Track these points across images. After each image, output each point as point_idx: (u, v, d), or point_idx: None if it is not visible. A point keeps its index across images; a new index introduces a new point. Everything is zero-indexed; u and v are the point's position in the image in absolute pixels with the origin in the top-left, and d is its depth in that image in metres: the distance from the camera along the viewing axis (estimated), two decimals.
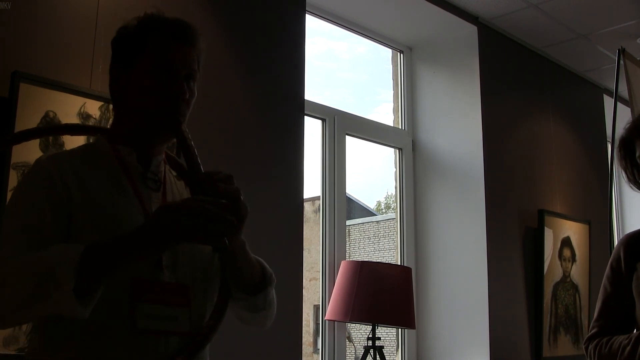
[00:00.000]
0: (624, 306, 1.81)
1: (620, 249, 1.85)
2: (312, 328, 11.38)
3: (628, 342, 1.69)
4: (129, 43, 1.37)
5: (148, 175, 1.38)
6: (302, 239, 2.91)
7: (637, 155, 1.82)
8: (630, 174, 1.87)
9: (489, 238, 3.56)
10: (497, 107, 3.84)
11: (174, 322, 1.26)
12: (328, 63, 16.30)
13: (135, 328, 1.22)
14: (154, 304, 1.25)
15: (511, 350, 3.63)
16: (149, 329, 1.24)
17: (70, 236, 1.24)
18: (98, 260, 1.14)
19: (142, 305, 1.23)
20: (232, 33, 2.77)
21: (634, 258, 1.81)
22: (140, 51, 1.35)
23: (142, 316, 1.23)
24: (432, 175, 3.80)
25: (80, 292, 1.11)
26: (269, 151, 2.83)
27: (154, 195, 1.37)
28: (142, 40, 1.36)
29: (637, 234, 1.87)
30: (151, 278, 1.27)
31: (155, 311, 1.24)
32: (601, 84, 4.82)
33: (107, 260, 1.15)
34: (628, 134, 1.86)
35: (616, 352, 1.71)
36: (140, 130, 1.37)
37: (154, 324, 1.24)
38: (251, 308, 1.42)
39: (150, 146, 1.39)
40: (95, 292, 1.15)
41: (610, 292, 1.84)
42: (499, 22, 3.87)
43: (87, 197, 1.27)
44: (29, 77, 2.06)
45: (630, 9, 3.74)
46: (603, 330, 1.82)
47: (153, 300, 1.25)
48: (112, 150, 1.36)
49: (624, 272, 1.81)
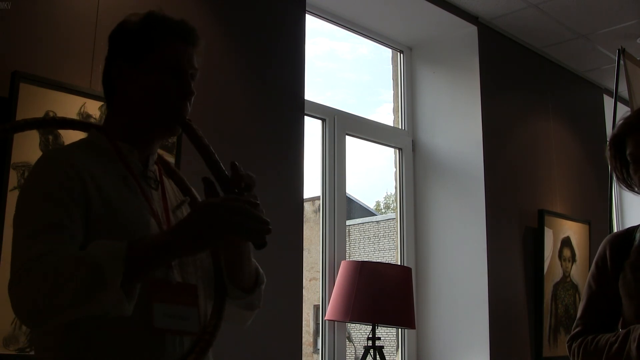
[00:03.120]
0: (609, 304, 1.81)
1: (607, 248, 1.84)
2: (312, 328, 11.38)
3: (615, 339, 1.69)
4: (135, 39, 1.36)
5: (148, 174, 1.38)
6: (302, 239, 2.91)
7: (627, 153, 1.80)
8: (620, 172, 1.86)
9: (489, 238, 3.56)
10: (497, 107, 3.84)
11: (187, 322, 1.27)
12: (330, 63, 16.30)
13: (153, 327, 1.22)
14: (169, 304, 1.25)
15: (511, 350, 3.63)
16: (166, 328, 1.24)
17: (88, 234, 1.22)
18: (143, 256, 1.13)
19: (159, 305, 1.23)
20: (232, 33, 2.77)
21: (621, 257, 1.81)
22: (148, 48, 1.35)
23: (160, 315, 1.23)
24: (432, 175, 3.80)
25: (126, 290, 1.11)
26: (269, 151, 2.83)
27: (155, 194, 1.38)
28: (149, 37, 1.35)
29: (622, 233, 1.87)
30: (164, 278, 1.27)
31: (171, 311, 1.25)
32: (601, 84, 4.82)
33: (152, 256, 1.15)
34: (619, 130, 1.84)
35: (602, 349, 1.70)
36: (142, 127, 1.37)
37: (170, 323, 1.24)
38: (247, 306, 1.44)
39: (149, 144, 1.39)
40: (136, 289, 1.15)
41: (595, 290, 1.84)
42: (499, 22, 3.87)
43: (103, 196, 1.26)
44: (29, 77, 2.06)
45: (630, 9, 3.74)
46: (587, 328, 1.81)
47: (168, 300, 1.25)
48: (113, 147, 1.35)
49: (610, 271, 1.81)
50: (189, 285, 1.32)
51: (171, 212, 1.39)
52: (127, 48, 1.37)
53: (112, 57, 1.39)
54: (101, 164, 1.31)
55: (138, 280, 1.14)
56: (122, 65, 1.36)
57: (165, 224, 1.34)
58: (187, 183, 1.51)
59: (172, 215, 1.38)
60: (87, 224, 1.23)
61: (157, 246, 1.15)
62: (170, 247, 1.15)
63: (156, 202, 1.36)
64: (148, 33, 1.36)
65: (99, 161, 1.32)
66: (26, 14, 2.14)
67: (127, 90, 1.36)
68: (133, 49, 1.36)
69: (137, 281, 1.14)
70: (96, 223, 1.23)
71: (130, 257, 1.11)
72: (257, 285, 1.44)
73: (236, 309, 1.43)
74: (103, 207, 1.25)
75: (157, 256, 1.15)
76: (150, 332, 1.22)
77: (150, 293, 1.22)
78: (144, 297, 1.20)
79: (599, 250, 1.87)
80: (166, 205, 1.38)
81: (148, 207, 1.32)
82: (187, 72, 1.37)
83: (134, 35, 1.37)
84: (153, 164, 1.41)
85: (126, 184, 1.32)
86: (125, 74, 1.36)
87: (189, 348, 1.29)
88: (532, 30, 3.97)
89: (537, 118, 4.19)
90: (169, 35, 1.36)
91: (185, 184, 1.50)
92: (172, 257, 1.21)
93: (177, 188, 1.49)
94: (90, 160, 1.30)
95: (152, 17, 1.39)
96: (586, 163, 4.53)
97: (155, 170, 1.42)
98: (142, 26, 1.37)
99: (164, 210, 1.37)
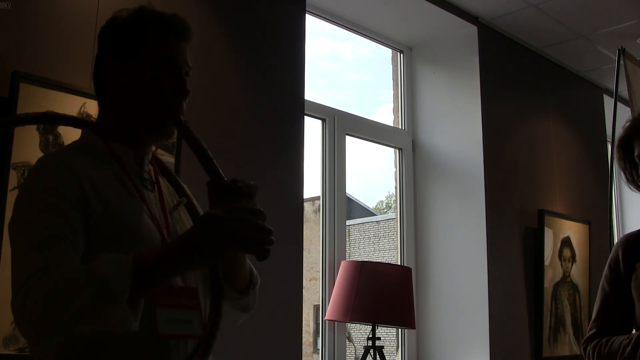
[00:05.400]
0: (622, 306, 1.81)
1: (619, 249, 1.85)
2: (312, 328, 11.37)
3: (628, 342, 1.69)
4: (128, 36, 1.31)
5: (144, 175, 1.36)
6: (302, 239, 2.91)
7: (635, 154, 1.81)
8: (629, 174, 1.86)
9: (489, 238, 3.56)
10: (497, 107, 3.84)
11: (190, 325, 1.25)
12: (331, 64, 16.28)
13: (158, 333, 1.20)
14: (172, 309, 1.23)
15: (511, 350, 3.63)
16: (170, 333, 1.22)
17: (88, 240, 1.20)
18: (149, 271, 1.11)
19: (162, 310, 1.21)
20: (232, 33, 2.77)
21: (633, 258, 1.81)
22: (142, 45, 1.30)
23: (163, 321, 1.21)
24: (432, 175, 3.80)
25: (131, 305, 1.09)
26: (269, 151, 2.83)
27: (151, 196, 1.35)
28: (142, 34, 1.31)
29: (636, 235, 1.87)
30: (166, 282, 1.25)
31: (174, 315, 1.23)
32: (601, 84, 4.82)
33: (158, 271, 1.12)
34: (627, 132, 1.85)
35: (616, 352, 1.71)
36: (135, 128, 1.33)
37: (174, 328, 1.23)
38: (242, 307, 1.44)
39: (143, 144, 1.36)
40: (141, 303, 1.12)
41: (608, 292, 1.84)
42: (499, 22, 3.87)
43: (102, 201, 1.23)
44: (29, 77, 2.05)
45: (630, 9, 3.73)
46: (602, 330, 1.82)
47: (171, 305, 1.23)
48: (108, 148, 1.31)
49: (623, 272, 1.81)
50: (190, 288, 1.30)
51: (168, 213, 1.37)
52: (117, 45, 1.32)
53: (103, 55, 1.34)
54: (96, 166, 1.28)
55: (142, 296, 1.12)
56: (114, 63, 1.31)
57: (164, 226, 1.32)
58: (180, 182, 1.48)
59: (169, 217, 1.36)
60: (87, 228, 1.20)
61: (162, 262, 1.12)
62: (175, 263, 1.12)
63: (153, 204, 1.34)
64: (139, 29, 1.31)
65: (94, 163, 1.28)
66: (26, 14, 2.14)
67: (119, 90, 1.32)
68: (124, 46, 1.31)
69: (142, 296, 1.12)
70: (96, 227, 1.21)
71: (136, 272, 1.09)
72: (251, 286, 1.42)
73: (230, 310, 1.43)
74: (102, 210, 1.22)
75: (162, 272, 1.13)
76: (155, 338, 1.20)
77: (153, 298, 1.20)
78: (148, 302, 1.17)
79: (612, 252, 1.87)
80: (164, 207, 1.36)
81: (146, 209, 1.30)
82: (182, 70, 1.33)
83: (125, 32, 1.32)
84: (148, 164, 1.38)
85: (122, 185, 1.29)
86: (116, 72, 1.31)
87: (192, 350, 1.28)
88: (532, 30, 3.97)
89: (537, 118, 4.19)
90: (161, 31, 1.32)
91: (178, 183, 1.47)
92: (177, 273, 1.19)
93: (172, 188, 1.46)
94: (86, 162, 1.27)
95: (143, 11, 1.34)
96: (586, 163, 4.53)
97: (151, 170, 1.39)
98: (133, 22, 1.32)
99: (162, 212, 1.35)
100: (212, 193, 1.29)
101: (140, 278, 1.09)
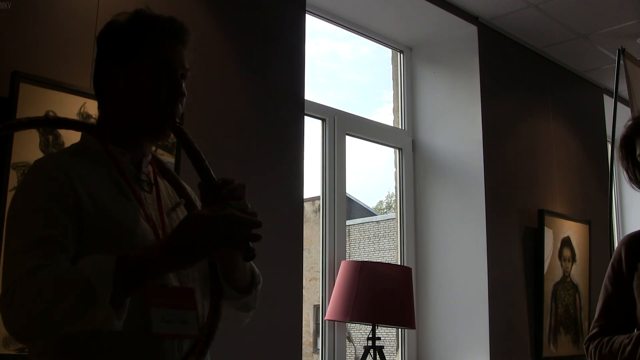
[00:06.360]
0: (624, 306, 1.81)
1: (622, 249, 1.85)
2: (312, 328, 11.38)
3: (629, 341, 1.69)
4: (125, 39, 1.33)
5: (141, 177, 1.36)
6: (302, 239, 2.91)
7: (637, 153, 1.81)
8: (632, 173, 1.87)
9: (489, 238, 3.56)
10: (497, 107, 3.84)
11: (185, 325, 1.26)
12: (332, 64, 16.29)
13: (151, 333, 1.20)
14: (167, 308, 1.24)
15: (511, 350, 3.63)
16: (164, 333, 1.23)
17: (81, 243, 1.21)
18: (132, 271, 1.12)
19: (157, 310, 1.22)
20: (232, 33, 2.77)
21: (636, 258, 1.81)
22: (139, 49, 1.32)
23: (158, 321, 1.21)
24: (432, 175, 3.80)
25: (115, 305, 1.10)
26: (269, 151, 2.83)
27: (149, 197, 1.36)
28: (139, 37, 1.33)
29: (638, 234, 1.87)
30: (160, 282, 1.26)
31: (169, 315, 1.24)
32: (601, 84, 4.82)
33: (141, 271, 1.13)
34: (629, 131, 1.85)
35: (617, 351, 1.72)
36: (133, 129, 1.34)
37: (168, 328, 1.23)
38: (243, 307, 1.44)
39: (141, 146, 1.37)
40: (126, 303, 1.13)
41: (611, 292, 1.85)
42: (499, 22, 3.87)
43: (96, 204, 1.24)
44: (29, 77, 2.05)
45: (630, 8, 3.73)
46: (604, 330, 1.82)
47: (165, 305, 1.24)
48: (105, 151, 1.33)
49: (625, 272, 1.81)
50: (186, 288, 1.31)
51: (165, 215, 1.37)
52: (116, 48, 1.34)
53: (102, 58, 1.36)
54: (93, 169, 1.29)
55: (127, 296, 1.13)
56: (112, 66, 1.33)
57: (160, 227, 1.32)
58: (182, 182, 1.48)
59: (166, 219, 1.37)
60: (81, 232, 1.21)
61: (145, 262, 1.13)
62: (159, 264, 1.14)
63: (150, 206, 1.34)
64: (135, 32, 1.33)
65: (91, 166, 1.30)
66: (26, 14, 2.14)
67: (117, 93, 1.34)
68: (122, 49, 1.33)
69: (127, 297, 1.13)
70: (90, 230, 1.22)
71: (119, 273, 1.10)
72: (253, 285, 1.43)
73: (232, 309, 1.43)
74: (96, 213, 1.23)
75: (145, 272, 1.14)
76: (149, 337, 1.21)
77: (147, 298, 1.21)
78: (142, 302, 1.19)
79: (615, 252, 1.88)
80: (161, 208, 1.36)
81: (141, 211, 1.30)
82: (178, 72, 1.34)
83: (121, 35, 1.34)
84: (147, 166, 1.39)
85: (119, 188, 1.30)
86: (114, 75, 1.33)
87: (188, 350, 1.28)
88: (532, 30, 3.97)
89: (537, 118, 4.19)
90: (157, 34, 1.33)
91: (179, 183, 1.48)
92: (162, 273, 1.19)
93: (172, 188, 1.47)
94: (82, 165, 1.28)
95: (140, 15, 1.36)
96: (586, 163, 4.53)
97: (150, 171, 1.40)
98: (131, 25, 1.34)
99: (158, 214, 1.35)
100: (203, 194, 1.30)
101: (123, 278, 1.10)
